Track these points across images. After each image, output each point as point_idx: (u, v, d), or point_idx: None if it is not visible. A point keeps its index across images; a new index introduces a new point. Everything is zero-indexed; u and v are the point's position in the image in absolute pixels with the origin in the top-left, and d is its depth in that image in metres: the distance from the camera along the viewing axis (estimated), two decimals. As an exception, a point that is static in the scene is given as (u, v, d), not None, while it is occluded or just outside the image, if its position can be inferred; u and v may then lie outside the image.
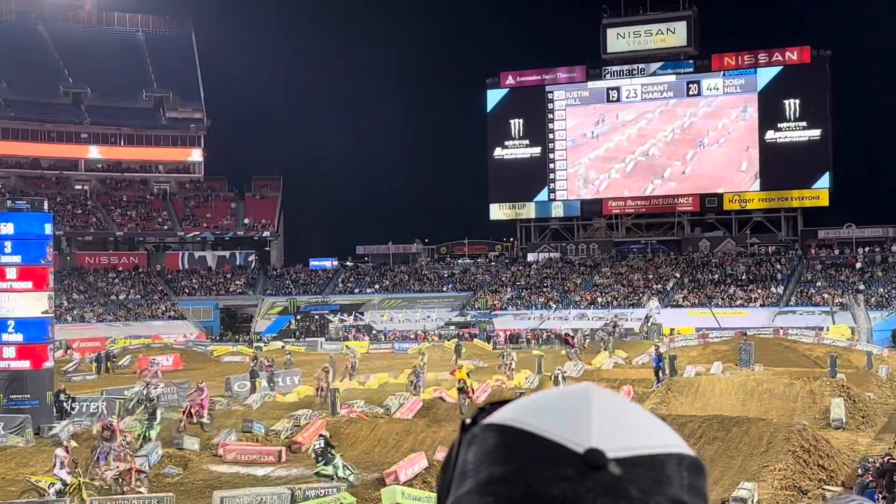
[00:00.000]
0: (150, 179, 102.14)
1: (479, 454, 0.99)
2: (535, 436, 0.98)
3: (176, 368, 54.82)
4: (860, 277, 76.37)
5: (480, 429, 1.02)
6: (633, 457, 0.98)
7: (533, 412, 1.01)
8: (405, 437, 27.77)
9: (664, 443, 1.02)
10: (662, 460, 1.00)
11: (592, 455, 0.96)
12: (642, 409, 1.07)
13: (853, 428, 29.55)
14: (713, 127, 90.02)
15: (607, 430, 0.99)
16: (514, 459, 0.97)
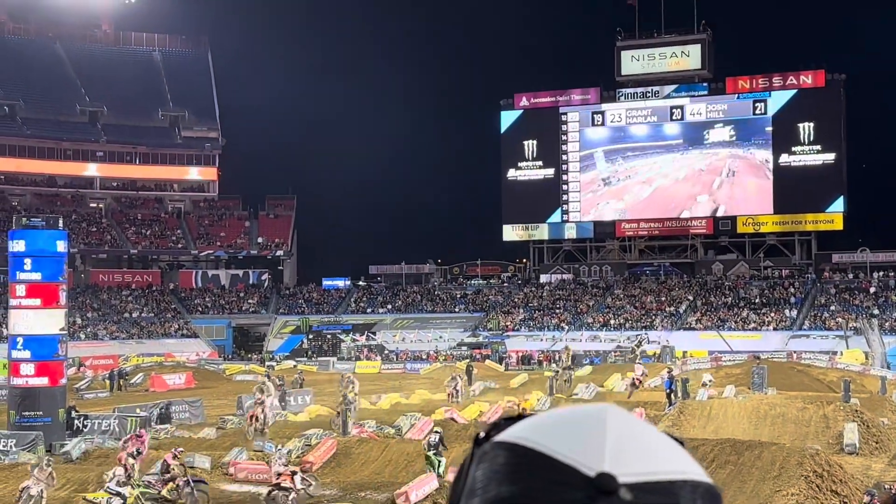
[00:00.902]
0: (164, 198, 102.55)
1: (488, 472, 0.97)
2: (546, 456, 0.96)
3: (188, 387, 54.86)
4: (874, 302, 76.03)
5: (491, 446, 1.01)
6: (645, 482, 0.96)
7: (546, 431, 0.99)
8: (416, 458, 27.68)
9: (680, 469, 0.99)
10: (677, 487, 0.97)
11: (603, 480, 0.94)
12: (660, 433, 1.04)
13: (867, 453, 29.37)
14: (726, 149, 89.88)
15: (621, 454, 0.97)
16: (522, 480, 0.95)
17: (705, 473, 1.02)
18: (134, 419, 34.61)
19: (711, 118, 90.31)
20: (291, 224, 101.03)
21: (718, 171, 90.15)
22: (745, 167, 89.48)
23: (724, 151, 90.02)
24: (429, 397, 45.17)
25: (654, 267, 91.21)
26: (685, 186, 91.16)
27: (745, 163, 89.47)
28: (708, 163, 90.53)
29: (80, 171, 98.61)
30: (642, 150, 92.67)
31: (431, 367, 65.10)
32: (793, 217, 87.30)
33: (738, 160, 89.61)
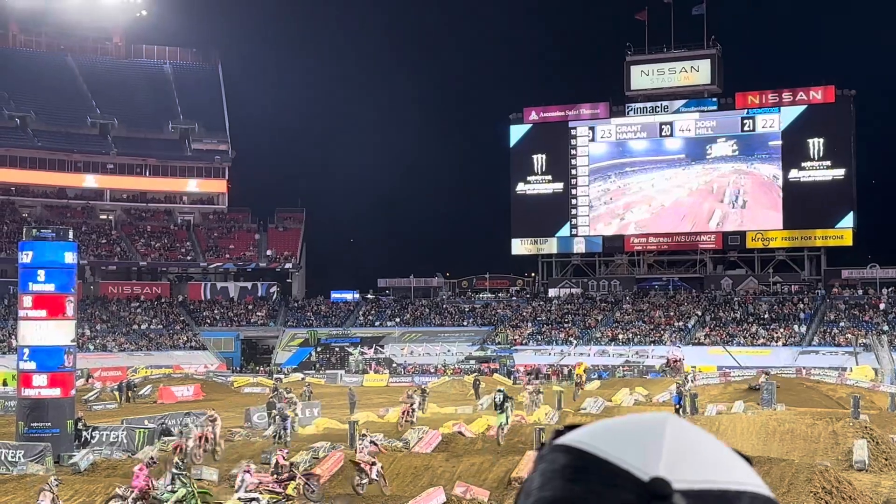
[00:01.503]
0: (174, 210, 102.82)
1: (545, 474, 0.99)
2: (602, 460, 0.97)
3: (196, 398, 54.93)
4: (884, 318, 75.80)
5: (550, 449, 1.03)
6: (700, 490, 0.95)
7: (604, 436, 1.00)
8: (423, 472, 27.66)
9: (738, 480, 0.99)
10: (732, 497, 0.97)
11: (657, 484, 0.94)
12: (720, 444, 1.04)
13: (876, 470, 29.24)
14: (736, 164, 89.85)
15: (677, 461, 0.97)
16: (577, 482, 0.97)
17: (767, 488, 1.01)
18: (142, 431, 34.60)
19: (721, 133, 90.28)
20: (300, 237, 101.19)
21: (728, 186, 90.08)
22: (754, 182, 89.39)
23: (733, 167, 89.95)
24: (436, 410, 45.10)
25: (663, 281, 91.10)
26: (694, 201, 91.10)
27: (754, 178, 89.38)
28: (717, 178, 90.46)
29: (91, 183, 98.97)
30: (651, 165, 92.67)
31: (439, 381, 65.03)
32: (802, 233, 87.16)
33: (747, 175, 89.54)
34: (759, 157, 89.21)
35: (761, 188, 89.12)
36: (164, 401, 53.35)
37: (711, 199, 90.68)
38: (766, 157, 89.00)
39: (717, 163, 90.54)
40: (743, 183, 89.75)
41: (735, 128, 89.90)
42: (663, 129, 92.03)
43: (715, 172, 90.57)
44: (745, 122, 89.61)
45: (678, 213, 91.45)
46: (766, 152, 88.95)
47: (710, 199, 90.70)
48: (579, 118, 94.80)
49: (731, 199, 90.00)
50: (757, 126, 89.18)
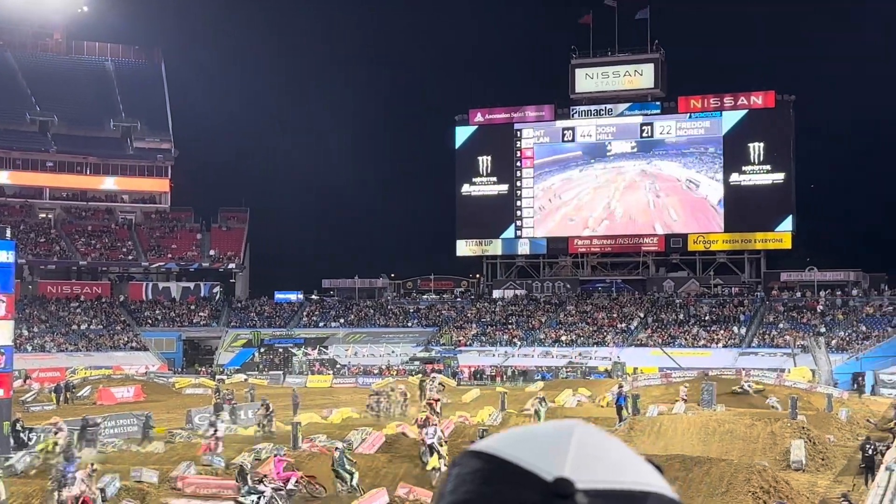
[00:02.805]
0: (115, 209, 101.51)
1: (458, 478, 1.04)
2: (510, 463, 1.01)
3: (137, 400, 54.27)
4: (821, 320, 77.09)
5: (462, 455, 1.07)
6: (605, 490, 0.99)
7: (514, 441, 1.04)
8: (367, 473, 27.59)
9: (643, 481, 1.02)
10: (637, 497, 1.00)
11: (560, 484, 0.98)
12: (627, 448, 1.07)
13: (813, 470, 29.70)
14: (678, 167, 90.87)
15: (583, 463, 1.00)
16: (486, 484, 1.01)
17: (672, 491, 1.03)
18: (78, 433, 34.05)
19: (664, 137, 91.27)
20: (244, 237, 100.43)
21: (671, 188, 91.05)
22: (696, 185, 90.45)
23: (676, 170, 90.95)
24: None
25: (607, 283, 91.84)
26: (637, 204, 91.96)
27: (696, 180, 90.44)
28: (660, 181, 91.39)
29: (29, 180, 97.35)
30: (595, 168, 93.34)
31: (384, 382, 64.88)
32: (742, 236, 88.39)
33: (690, 178, 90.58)
34: (699, 160, 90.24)
35: (704, 191, 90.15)
36: (103, 402, 52.62)
37: (653, 201, 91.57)
38: (707, 160, 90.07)
39: (658, 166, 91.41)
40: (686, 185, 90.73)
41: (678, 131, 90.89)
42: (607, 131, 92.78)
43: (657, 175, 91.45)
44: (687, 126, 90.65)
45: (621, 216, 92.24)
46: (706, 156, 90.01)
47: (651, 201, 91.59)
48: (524, 120, 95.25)
49: (673, 202, 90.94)
50: (699, 130, 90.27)
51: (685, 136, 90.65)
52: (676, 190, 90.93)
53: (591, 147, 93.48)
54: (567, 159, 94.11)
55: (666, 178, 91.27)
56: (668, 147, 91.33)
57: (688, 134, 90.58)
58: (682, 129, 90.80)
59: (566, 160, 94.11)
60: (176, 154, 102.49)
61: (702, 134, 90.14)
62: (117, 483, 26.34)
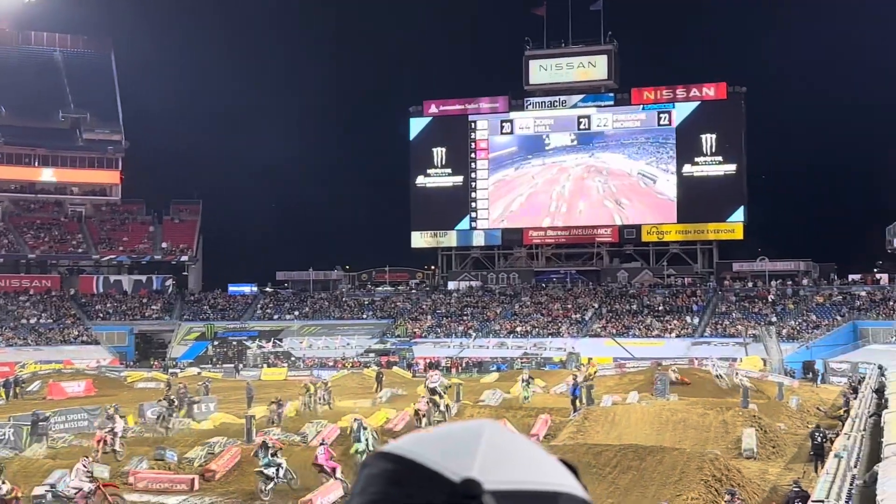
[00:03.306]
0: (64, 201, 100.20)
1: (367, 479, 1.04)
2: (418, 464, 1.01)
3: (88, 394, 53.62)
4: (772, 310, 78.01)
5: (373, 456, 1.07)
6: (513, 490, 0.98)
7: (423, 443, 1.04)
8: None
9: (553, 481, 1.02)
10: (546, 497, 1.00)
11: (467, 485, 0.98)
12: (538, 448, 1.07)
13: (764, 458, 30.01)
14: (631, 160, 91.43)
15: (491, 464, 1.00)
16: (394, 485, 1.01)
17: (583, 491, 1.04)
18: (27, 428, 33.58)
19: (617, 128, 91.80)
20: (197, 229, 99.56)
21: (624, 179, 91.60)
22: (649, 176, 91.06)
23: (629, 161, 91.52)
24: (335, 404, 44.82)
25: (561, 274, 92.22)
26: (591, 194, 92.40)
27: (649, 172, 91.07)
28: (613, 171, 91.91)
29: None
30: (549, 159, 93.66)
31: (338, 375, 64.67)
32: (695, 226, 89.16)
33: (642, 169, 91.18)
34: (652, 151, 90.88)
35: (656, 182, 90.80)
36: (53, 397, 51.92)
37: (607, 192, 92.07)
38: (660, 151, 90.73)
39: (611, 156, 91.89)
40: (639, 176, 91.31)
41: (631, 123, 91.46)
42: (561, 123, 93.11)
43: (610, 166, 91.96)
44: (640, 117, 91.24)
45: (574, 207, 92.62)
46: (659, 147, 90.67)
47: (604, 192, 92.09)
48: (479, 112, 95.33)
49: (626, 192, 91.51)
50: (652, 121, 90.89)
51: (639, 127, 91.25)
52: (629, 181, 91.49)
53: (545, 138, 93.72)
54: (521, 151, 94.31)
55: (619, 169, 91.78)
56: (621, 138, 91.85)
57: (641, 126, 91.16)
58: (636, 121, 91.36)
59: (520, 152, 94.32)
60: (126, 146, 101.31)
61: (654, 125, 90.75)
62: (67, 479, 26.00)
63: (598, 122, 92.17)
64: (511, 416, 36.35)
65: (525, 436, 1.09)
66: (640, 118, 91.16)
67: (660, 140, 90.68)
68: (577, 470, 1.08)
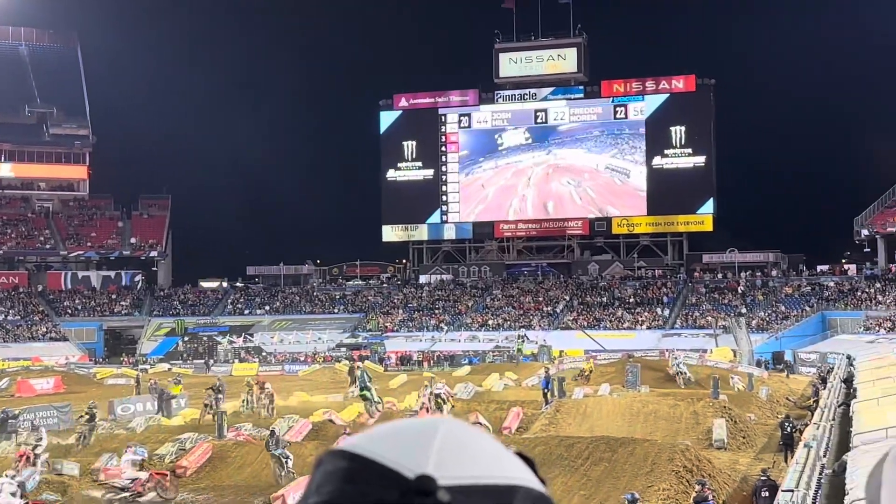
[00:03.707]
0: (31, 197, 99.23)
1: (322, 477, 1.03)
2: (371, 461, 1.01)
3: (57, 391, 53.19)
4: (742, 301, 78.54)
5: (327, 454, 1.06)
6: (468, 486, 0.98)
7: (378, 440, 1.04)
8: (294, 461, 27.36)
9: (509, 475, 1.02)
10: (502, 491, 1.00)
11: (422, 481, 0.98)
12: (495, 442, 1.06)
13: (734, 448, 30.21)
14: (602, 152, 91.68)
15: (446, 460, 1.00)
16: (349, 483, 1.00)
17: (540, 484, 1.04)
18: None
19: (587, 120, 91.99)
20: (166, 224, 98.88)
21: (594, 171, 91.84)
22: (619, 169, 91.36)
23: (600, 153, 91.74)
24: (307, 399, 44.73)
25: (532, 267, 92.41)
26: (561, 187, 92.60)
27: (619, 164, 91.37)
28: (584, 164, 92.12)
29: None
30: (520, 152, 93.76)
31: (310, 369, 64.53)
32: (665, 218, 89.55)
33: (612, 162, 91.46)
34: (622, 144, 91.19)
35: (626, 174, 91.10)
36: (21, 394, 51.47)
37: (577, 184, 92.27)
38: (630, 144, 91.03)
39: (583, 149, 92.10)
40: (609, 169, 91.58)
41: (601, 115, 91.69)
42: (531, 116, 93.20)
43: (580, 159, 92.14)
44: (610, 109, 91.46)
45: (546, 199, 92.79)
46: (629, 139, 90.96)
47: (575, 184, 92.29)
48: (449, 105, 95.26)
49: (597, 184, 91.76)
50: (622, 114, 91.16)
51: (609, 119, 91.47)
52: (600, 173, 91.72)
53: (515, 132, 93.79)
54: (492, 144, 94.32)
55: (590, 162, 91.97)
56: (592, 130, 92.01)
57: (612, 118, 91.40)
58: (606, 113, 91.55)
59: (491, 144, 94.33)
60: (94, 140, 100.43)
61: (624, 118, 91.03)
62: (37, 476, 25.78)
63: (568, 115, 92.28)
64: (483, 409, 36.40)
65: (482, 430, 1.08)
66: (610, 110, 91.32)
67: (629, 132, 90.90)
68: (534, 463, 1.08)
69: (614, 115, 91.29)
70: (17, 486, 22.68)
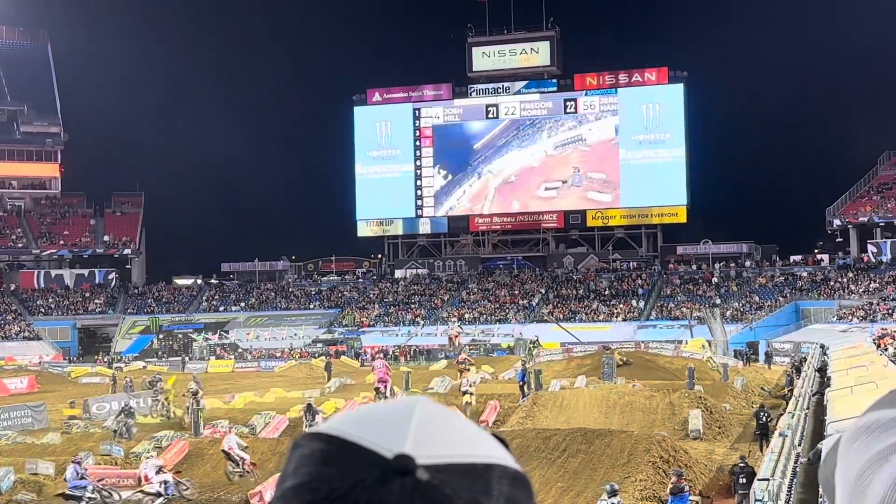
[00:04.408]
0: (3, 195, 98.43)
1: (296, 461, 1.04)
2: (349, 442, 1.02)
3: (31, 391, 52.81)
4: (716, 292, 78.98)
5: (303, 436, 1.07)
6: (446, 464, 1.00)
7: (355, 421, 1.05)
8: (271, 457, 27.34)
9: (485, 453, 1.04)
10: (479, 469, 1.02)
11: (400, 460, 0.99)
12: (469, 423, 1.09)
13: (710, 438, 30.40)
14: (575, 145, 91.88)
15: (424, 439, 1.02)
16: (327, 464, 1.01)
17: (514, 461, 1.06)
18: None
19: (560, 113, 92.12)
20: (139, 221, 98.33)
21: (568, 164, 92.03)
22: (593, 161, 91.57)
23: (573, 145, 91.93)
24: (283, 395, 44.63)
25: (508, 261, 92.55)
26: (536, 180, 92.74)
27: (593, 156, 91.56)
28: (558, 157, 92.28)
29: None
30: (493, 145, 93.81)
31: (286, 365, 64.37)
32: (639, 211, 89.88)
33: (586, 154, 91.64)
34: (594, 136, 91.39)
35: (600, 167, 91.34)
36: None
37: (552, 178, 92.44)
38: (603, 136, 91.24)
39: (556, 142, 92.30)
40: (583, 161, 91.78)
41: (574, 107, 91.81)
42: (505, 109, 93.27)
43: (554, 152, 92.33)
44: (583, 102, 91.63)
45: (520, 192, 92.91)
46: (601, 131, 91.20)
47: (549, 177, 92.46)
48: (422, 99, 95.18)
49: (571, 177, 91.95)
50: (594, 106, 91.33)
51: (582, 111, 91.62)
52: (576, 166, 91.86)
53: (488, 124, 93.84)
54: (466, 137, 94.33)
55: (565, 154, 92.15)
56: (567, 122, 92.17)
57: (584, 110, 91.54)
58: (579, 106, 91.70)
59: (465, 138, 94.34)
60: (65, 138, 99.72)
61: (598, 110, 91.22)
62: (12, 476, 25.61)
63: (541, 108, 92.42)
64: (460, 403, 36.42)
65: (457, 411, 1.11)
66: (583, 103, 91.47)
67: (602, 124, 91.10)
68: (507, 444, 1.10)
69: (588, 106, 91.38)
70: None
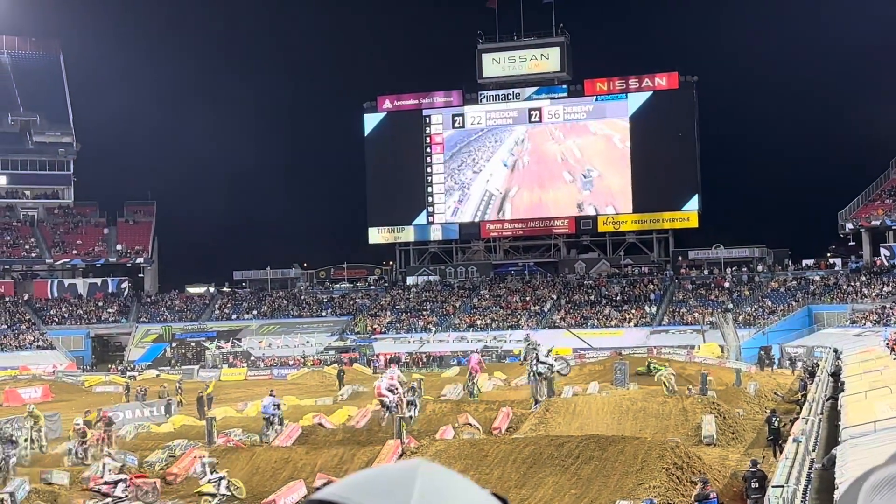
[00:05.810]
0: (16, 205, 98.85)
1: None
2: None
3: (45, 400, 52.99)
4: (729, 297, 78.76)
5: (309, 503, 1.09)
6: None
7: (357, 487, 1.06)
8: (284, 465, 27.37)
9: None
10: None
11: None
12: (472, 485, 1.07)
13: (724, 444, 30.31)
14: (587, 150, 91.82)
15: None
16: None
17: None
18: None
19: (571, 119, 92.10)
20: (152, 230, 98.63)
21: (580, 170, 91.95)
22: (604, 166, 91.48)
23: (585, 151, 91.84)
24: (296, 403, 44.69)
25: (519, 267, 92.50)
26: (548, 186, 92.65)
27: (604, 162, 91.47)
28: (569, 162, 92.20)
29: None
30: (504, 151, 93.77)
31: (299, 373, 64.48)
32: (651, 216, 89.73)
33: (597, 159, 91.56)
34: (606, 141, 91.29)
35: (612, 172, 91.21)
36: (10, 403, 51.30)
37: (563, 183, 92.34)
38: (614, 141, 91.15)
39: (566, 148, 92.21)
40: (595, 167, 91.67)
41: (585, 114, 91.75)
42: (515, 115, 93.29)
43: (565, 157, 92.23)
44: (594, 108, 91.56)
45: (532, 198, 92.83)
46: (613, 137, 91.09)
47: (561, 183, 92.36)
48: (433, 106, 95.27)
49: (583, 183, 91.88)
50: (605, 112, 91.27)
51: (593, 118, 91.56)
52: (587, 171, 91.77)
53: (500, 131, 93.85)
54: (476, 143, 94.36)
55: (576, 159, 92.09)
56: (577, 128, 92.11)
57: (595, 116, 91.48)
58: (590, 111, 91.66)
59: (476, 144, 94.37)
60: (78, 148, 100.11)
61: (608, 116, 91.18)
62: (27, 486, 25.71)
63: (551, 114, 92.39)
64: (473, 409, 36.43)
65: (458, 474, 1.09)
66: (594, 109, 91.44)
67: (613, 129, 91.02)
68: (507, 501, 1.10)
69: (598, 112, 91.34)
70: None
